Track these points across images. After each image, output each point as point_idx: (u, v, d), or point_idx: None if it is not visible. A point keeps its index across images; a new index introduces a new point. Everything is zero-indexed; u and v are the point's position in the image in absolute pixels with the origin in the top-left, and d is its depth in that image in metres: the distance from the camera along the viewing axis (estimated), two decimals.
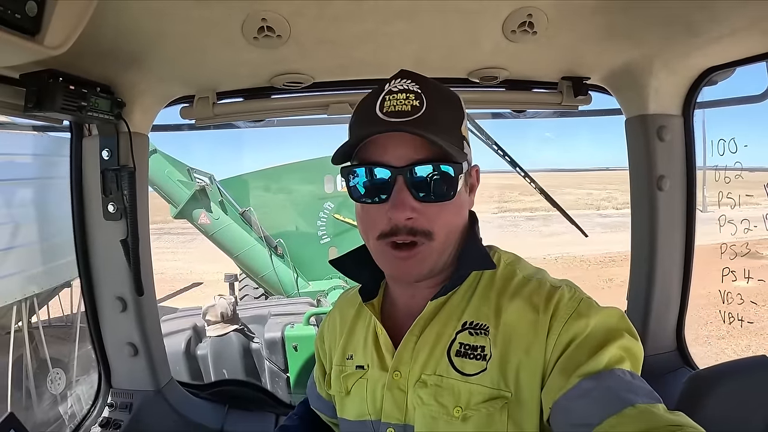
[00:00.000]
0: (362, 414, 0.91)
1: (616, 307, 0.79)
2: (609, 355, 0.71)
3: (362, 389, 0.91)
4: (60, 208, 6.00)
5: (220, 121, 1.67)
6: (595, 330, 0.74)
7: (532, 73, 1.61)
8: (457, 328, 0.83)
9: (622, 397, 0.67)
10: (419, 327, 0.86)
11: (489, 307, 0.82)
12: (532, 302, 0.80)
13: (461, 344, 0.81)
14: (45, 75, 1.16)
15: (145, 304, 1.59)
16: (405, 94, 0.80)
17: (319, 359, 1.12)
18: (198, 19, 1.15)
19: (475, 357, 0.80)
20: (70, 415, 4.08)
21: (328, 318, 1.10)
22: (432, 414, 0.80)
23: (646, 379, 0.72)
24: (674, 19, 1.21)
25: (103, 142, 1.48)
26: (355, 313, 1.01)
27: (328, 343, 1.06)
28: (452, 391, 0.79)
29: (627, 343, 0.74)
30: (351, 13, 1.18)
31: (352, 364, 0.95)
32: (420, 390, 0.82)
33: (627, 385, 0.69)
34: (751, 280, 1.97)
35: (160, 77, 1.46)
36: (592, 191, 35.18)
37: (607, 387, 0.68)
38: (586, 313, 0.76)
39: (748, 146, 1.64)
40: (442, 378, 0.81)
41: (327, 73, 1.55)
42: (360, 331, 0.97)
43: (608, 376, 0.69)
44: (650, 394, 0.69)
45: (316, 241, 7.23)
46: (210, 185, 6.70)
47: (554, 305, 0.78)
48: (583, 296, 0.81)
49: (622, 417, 0.65)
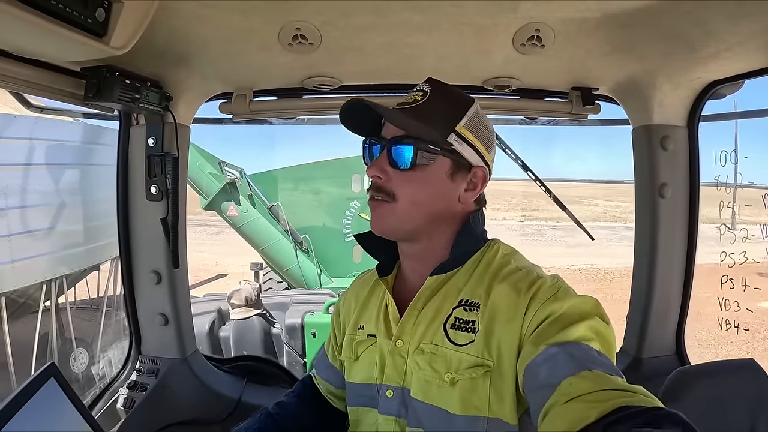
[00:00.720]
0: (369, 378, 1.02)
1: (593, 297, 0.86)
2: (579, 332, 0.77)
3: (372, 355, 1.02)
4: (92, 193, 6.17)
5: (255, 117, 1.79)
6: (568, 311, 0.82)
7: (543, 82, 1.68)
8: (454, 305, 0.94)
9: (581, 363, 0.72)
10: (421, 302, 0.97)
11: (482, 288, 0.93)
12: (517, 286, 0.89)
13: (456, 318, 0.92)
14: (104, 69, 1.30)
15: (178, 277, 1.73)
16: (416, 92, 0.98)
17: (332, 330, 1.23)
18: (240, 27, 1.28)
19: (466, 330, 0.90)
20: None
21: (344, 296, 1.22)
22: (426, 378, 0.91)
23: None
24: (672, 35, 1.27)
25: (150, 131, 1.62)
26: (369, 291, 1.13)
27: (343, 316, 1.18)
28: (445, 359, 0.89)
29: (597, 325, 0.80)
30: (376, 25, 1.28)
31: (363, 333, 1.06)
32: (417, 357, 0.93)
33: (591, 357, 0.74)
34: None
35: (204, 75, 1.58)
36: (620, 204, 34.43)
37: (570, 354, 0.74)
38: (562, 298, 0.84)
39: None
40: (437, 347, 0.91)
41: (354, 77, 1.66)
42: (373, 305, 1.09)
43: (573, 346, 0.75)
44: (613, 369, 0.73)
45: (341, 239, 7.31)
46: (240, 179, 6.81)
47: (535, 289, 0.87)
48: (563, 285, 0.89)
49: (578, 378, 0.70)
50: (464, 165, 0.96)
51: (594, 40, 1.34)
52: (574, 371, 0.71)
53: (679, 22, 1.21)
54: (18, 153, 5.43)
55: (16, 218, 5.35)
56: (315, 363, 1.29)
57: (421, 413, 0.91)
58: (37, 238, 5.59)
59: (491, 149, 1.00)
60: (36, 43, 1.06)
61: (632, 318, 1.80)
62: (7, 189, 5.27)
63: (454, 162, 0.95)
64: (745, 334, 8.57)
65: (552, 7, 1.19)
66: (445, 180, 0.95)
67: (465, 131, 0.95)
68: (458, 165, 0.95)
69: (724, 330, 7.61)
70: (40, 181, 5.65)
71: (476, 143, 0.96)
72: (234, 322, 4.04)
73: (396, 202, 0.94)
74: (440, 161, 0.94)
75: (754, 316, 8.79)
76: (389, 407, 0.96)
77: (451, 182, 0.96)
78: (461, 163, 0.95)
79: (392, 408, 0.96)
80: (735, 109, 1.83)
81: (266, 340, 4.09)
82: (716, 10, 1.13)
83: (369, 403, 1.02)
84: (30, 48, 1.12)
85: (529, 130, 7.98)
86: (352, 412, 1.07)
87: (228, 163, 6.85)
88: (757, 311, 9.00)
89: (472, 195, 0.98)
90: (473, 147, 0.96)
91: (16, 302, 5.70)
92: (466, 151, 0.95)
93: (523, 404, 0.86)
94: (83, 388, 5.30)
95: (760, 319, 9.04)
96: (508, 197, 25.42)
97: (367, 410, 1.02)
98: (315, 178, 7.53)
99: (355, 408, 1.06)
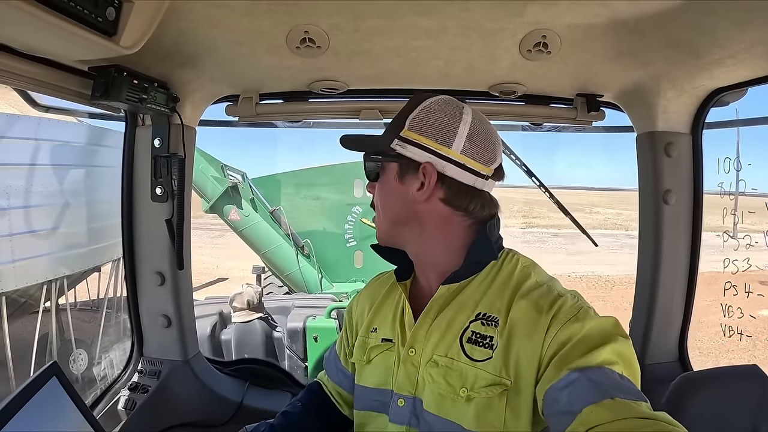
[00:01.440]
0: (382, 383, 1.01)
1: (613, 316, 0.85)
2: (602, 356, 0.76)
3: (388, 360, 1.02)
4: (94, 194, 6.19)
5: (262, 119, 1.79)
6: (590, 332, 0.80)
7: (548, 89, 1.68)
8: (471, 317, 0.92)
9: (604, 391, 0.71)
10: (434, 311, 0.96)
11: (502, 303, 0.91)
12: (538, 304, 0.87)
13: (473, 332, 0.90)
14: (112, 69, 1.29)
15: (181, 279, 1.73)
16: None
17: (345, 331, 1.22)
18: (248, 29, 1.28)
19: (483, 345, 0.89)
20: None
21: (359, 295, 1.21)
22: (440, 391, 0.90)
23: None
24: (678, 42, 1.27)
25: (156, 132, 1.62)
26: (385, 292, 1.13)
27: (356, 317, 1.17)
28: (460, 374, 0.88)
29: (620, 348, 0.79)
30: (384, 29, 1.29)
31: (376, 337, 1.06)
32: (431, 369, 0.92)
33: (614, 383, 0.73)
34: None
35: (211, 77, 1.59)
36: (622, 211, 34.44)
37: (592, 380, 0.73)
38: (583, 318, 0.83)
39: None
40: (453, 361, 0.90)
41: (360, 82, 1.66)
42: (388, 308, 1.08)
43: (596, 371, 0.74)
44: (636, 394, 0.72)
45: (342, 244, 7.32)
46: (242, 183, 6.85)
47: (556, 308, 0.85)
48: (584, 305, 0.87)
49: (600, 406, 0.69)
50: (412, 165, 0.95)
51: (600, 46, 1.35)
52: (596, 399, 0.71)
53: (686, 28, 1.21)
54: (21, 153, 5.43)
55: (18, 218, 5.36)
56: (325, 364, 1.28)
57: (434, 426, 0.90)
58: (39, 238, 5.60)
59: (450, 141, 0.94)
60: (45, 41, 1.07)
61: (635, 324, 1.79)
62: (9, 189, 5.27)
63: (400, 165, 0.97)
64: (747, 343, 8.56)
65: (559, 12, 1.19)
66: (395, 184, 0.98)
67: (408, 133, 0.96)
68: (405, 167, 0.96)
69: (726, 337, 7.62)
70: (42, 181, 5.66)
71: (423, 141, 0.94)
72: (236, 326, 4.05)
73: (379, 212, 1.03)
74: (389, 168, 0.99)
75: (756, 323, 8.77)
76: (400, 416, 0.96)
77: (401, 185, 0.97)
78: (408, 165, 0.96)
79: (403, 417, 0.95)
80: (737, 116, 1.84)
81: (268, 343, 4.09)
82: (722, 17, 1.13)
83: (380, 408, 1.01)
84: (39, 45, 1.12)
85: (528, 136, 7.93)
86: (359, 416, 1.07)
87: (230, 167, 6.89)
88: (759, 319, 8.99)
89: (427, 192, 0.95)
90: (419, 145, 0.95)
91: (16, 302, 5.70)
92: (410, 151, 0.95)
93: (540, 423, 0.86)
94: (83, 389, 5.29)
95: (761, 327, 9.02)
96: (510, 204, 25.38)
97: (376, 415, 1.02)
98: (317, 182, 7.55)
99: (363, 412, 1.05)
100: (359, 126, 2.02)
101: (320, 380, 1.26)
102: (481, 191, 0.97)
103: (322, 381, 1.26)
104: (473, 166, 0.94)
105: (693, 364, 1.76)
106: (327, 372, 1.25)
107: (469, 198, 0.96)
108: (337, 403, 1.20)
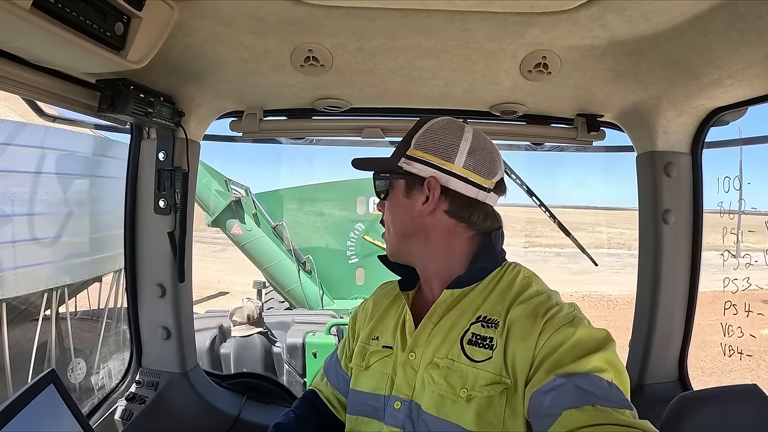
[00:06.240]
0: (377, 388, 1.03)
1: (605, 329, 0.87)
2: (591, 363, 0.78)
3: (385, 366, 1.04)
4: (98, 205, 6.21)
5: (265, 135, 1.82)
6: (582, 339, 0.83)
7: (549, 109, 1.70)
8: (472, 320, 0.95)
9: (586, 398, 0.73)
10: (437, 315, 1.00)
11: (502, 307, 0.94)
12: (535, 309, 0.90)
13: (473, 334, 0.93)
14: (119, 82, 1.31)
15: (182, 291, 1.73)
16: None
17: (348, 335, 1.25)
18: (253, 47, 1.31)
19: (483, 346, 0.91)
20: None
21: (364, 303, 1.25)
22: (440, 392, 0.91)
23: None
24: (676, 63, 1.29)
25: (160, 145, 1.64)
26: (389, 302, 1.16)
27: (359, 323, 1.21)
28: (461, 374, 0.90)
29: (610, 357, 0.81)
30: (386, 49, 1.32)
31: (377, 344, 1.09)
32: (432, 371, 0.94)
33: (600, 390, 0.75)
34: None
35: (216, 93, 1.61)
36: (625, 231, 34.33)
37: (577, 386, 0.75)
38: (576, 325, 0.85)
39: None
40: (453, 362, 0.92)
41: (363, 100, 1.68)
42: (391, 317, 1.12)
43: (583, 378, 0.76)
44: (621, 402, 0.74)
45: (344, 261, 7.33)
46: (245, 197, 6.87)
47: (551, 314, 0.88)
48: (579, 315, 0.90)
49: (579, 411, 0.72)
50: (417, 181, 1.01)
51: (600, 68, 1.37)
52: (578, 404, 0.73)
53: (683, 49, 1.23)
54: (27, 160, 5.47)
55: (22, 225, 5.38)
56: (326, 367, 1.29)
57: (433, 428, 0.91)
58: (41, 246, 5.61)
59: (452, 157, 1.00)
60: (55, 53, 1.09)
61: (635, 343, 1.78)
62: (14, 196, 5.30)
63: (407, 181, 1.03)
64: (749, 362, 8.46)
65: (559, 34, 1.22)
66: (403, 199, 1.04)
67: (414, 151, 1.02)
68: (411, 183, 1.02)
69: (726, 356, 7.52)
70: (46, 189, 5.69)
71: (428, 157, 1.01)
72: (235, 339, 4.04)
73: (389, 228, 1.08)
74: (397, 185, 1.05)
75: (758, 342, 8.69)
76: (395, 419, 0.97)
77: (408, 199, 1.03)
78: (414, 181, 1.02)
79: (398, 420, 0.96)
80: (740, 135, 1.85)
81: (267, 358, 4.08)
82: (719, 37, 1.15)
83: (372, 413, 1.02)
84: (49, 57, 1.15)
85: (532, 157, 8.01)
86: (351, 421, 1.08)
87: (234, 181, 6.91)
88: (760, 338, 8.91)
89: (432, 205, 1.00)
90: (424, 162, 1.01)
91: (17, 309, 5.70)
92: (415, 168, 1.01)
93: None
94: (80, 398, 5.24)
95: (763, 347, 8.93)
96: (513, 223, 25.36)
97: (368, 420, 1.03)
98: (320, 199, 7.59)
99: (355, 417, 1.06)
100: (361, 144, 2.04)
101: (316, 387, 1.28)
102: (483, 204, 1.02)
103: (318, 388, 1.27)
104: (475, 179, 1.00)
105: (695, 384, 1.74)
106: (327, 376, 1.26)
107: (471, 209, 1.01)
108: (334, 409, 1.22)
